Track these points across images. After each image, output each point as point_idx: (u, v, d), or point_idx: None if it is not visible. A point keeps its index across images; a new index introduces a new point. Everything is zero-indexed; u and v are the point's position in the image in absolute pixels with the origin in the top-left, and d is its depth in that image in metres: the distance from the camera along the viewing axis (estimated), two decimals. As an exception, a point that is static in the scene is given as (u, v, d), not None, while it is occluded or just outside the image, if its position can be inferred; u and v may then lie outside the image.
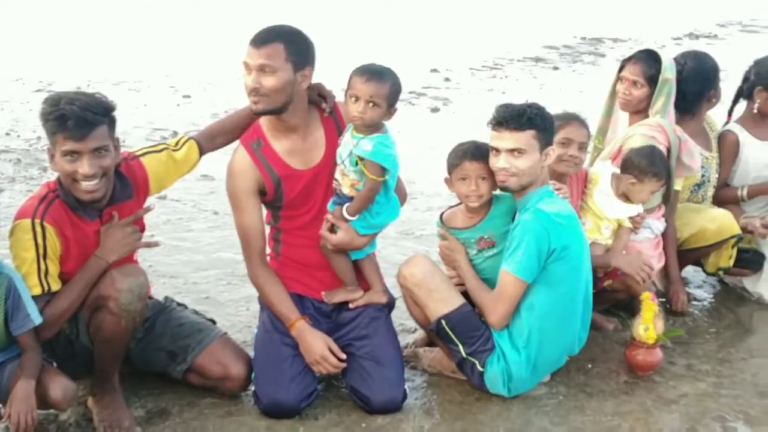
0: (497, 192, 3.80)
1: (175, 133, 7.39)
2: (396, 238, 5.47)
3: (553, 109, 4.20)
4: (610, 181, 4.22)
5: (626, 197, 4.25)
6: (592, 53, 11.69)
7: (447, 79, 10.03)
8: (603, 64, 10.80)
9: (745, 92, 4.92)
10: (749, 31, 13.68)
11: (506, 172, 3.62)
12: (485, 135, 3.74)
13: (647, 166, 4.20)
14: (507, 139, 3.61)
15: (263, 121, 3.68)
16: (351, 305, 3.80)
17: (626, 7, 15.43)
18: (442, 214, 3.99)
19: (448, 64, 10.58)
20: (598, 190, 4.22)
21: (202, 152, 3.77)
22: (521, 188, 3.66)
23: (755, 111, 4.85)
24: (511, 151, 3.60)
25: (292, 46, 3.52)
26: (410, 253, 4.87)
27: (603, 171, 4.27)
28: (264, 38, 3.50)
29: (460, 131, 6.33)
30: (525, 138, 3.60)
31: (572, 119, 4.15)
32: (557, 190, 3.82)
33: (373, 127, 3.59)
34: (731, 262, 4.70)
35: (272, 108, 3.55)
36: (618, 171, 4.26)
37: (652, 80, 4.38)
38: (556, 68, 10.86)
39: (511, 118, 3.61)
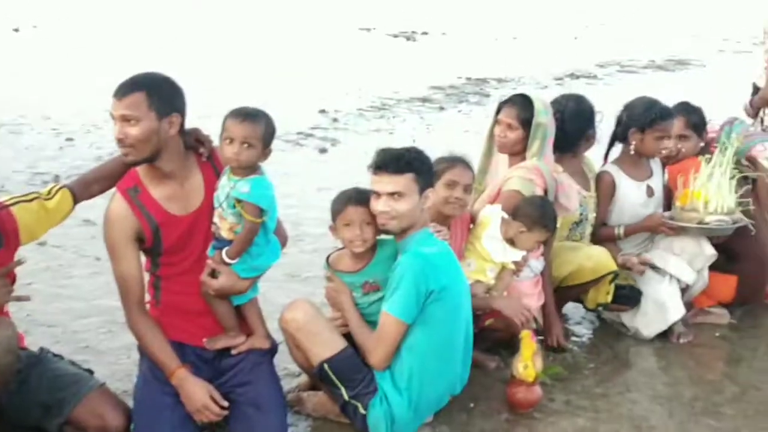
0: (382, 237, 3.84)
1: (57, 178, 7.23)
2: (282, 280, 5.44)
3: (439, 149, 4.29)
4: (499, 225, 4.31)
5: (512, 242, 4.34)
6: (477, 93, 11.91)
7: (335, 120, 10.09)
8: (488, 104, 11.00)
9: (619, 135, 5.09)
10: (627, 71, 14.15)
11: (387, 215, 3.68)
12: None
13: (539, 217, 4.31)
14: (387, 183, 3.67)
15: (140, 168, 3.64)
16: (233, 351, 3.77)
17: (510, 48, 15.81)
18: (328, 257, 4.01)
19: (336, 105, 10.64)
20: (487, 233, 4.31)
21: (76, 201, 3.70)
22: (402, 231, 3.72)
23: (632, 152, 5.02)
24: (391, 194, 3.66)
25: (155, 94, 3.50)
26: (296, 295, 4.84)
27: (493, 215, 4.36)
28: (125, 89, 3.48)
29: (347, 172, 6.40)
30: (404, 181, 3.66)
31: (457, 162, 4.24)
32: (437, 232, 3.88)
33: (249, 168, 3.62)
34: (609, 298, 4.83)
35: (141, 158, 3.52)
36: (506, 216, 4.35)
37: (527, 123, 4.51)
38: (442, 108, 11.03)
39: (390, 162, 3.68)
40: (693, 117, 5.22)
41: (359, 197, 3.81)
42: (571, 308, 5.19)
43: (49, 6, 17.88)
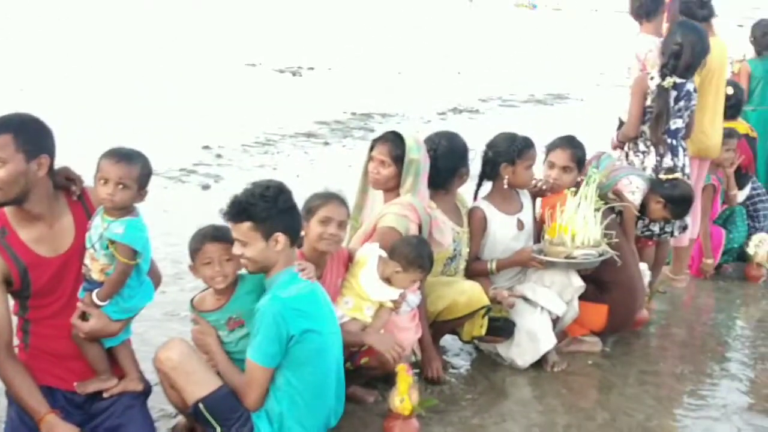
0: (243, 271, 3.86)
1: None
2: (161, 319, 5.38)
3: (322, 184, 4.33)
4: (377, 264, 4.37)
5: (389, 281, 4.39)
6: (361, 128, 12.03)
7: (219, 156, 10.04)
8: (372, 139, 11.14)
9: (488, 173, 5.23)
10: (508, 105, 14.51)
11: (242, 258, 3.75)
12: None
13: (414, 258, 4.36)
14: (233, 230, 3.75)
15: (7, 209, 3.58)
16: (105, 394, 3.73)
17: (395, 83, 16.02)
18: (192, 299, 4.01)
19: (220, 141, 10.60)
20: (363, 272, 4.35)
21: None
22: (261, 272, 3.76)
23: (506, 186, 5.17)
24: (238, 240, 3.72)
25: (22, 135, 3.46)
26: (175, 335, 4.79)
27: (370, 254, 4.40)
28: None
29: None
30: (243, 230, 3.72)
31: (331, 198, 4.28)
32: (302, 270, 3.91)
33: (123, 209, 3.60)
34: (483, 331, 4.93)
35: (8, 199, 3.47)
36: (384, 254, 4.40)
37: (399, 160, 4.60)
38: (327, 143, 11.10)
39: (229, 210, 3.74)
40: (578, 151, 5.42)
41: (216, 234, 3.84)
42: (449, 340, 5.28)
43: None
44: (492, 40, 23.47)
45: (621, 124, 6.31)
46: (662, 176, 5.76)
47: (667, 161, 5.90)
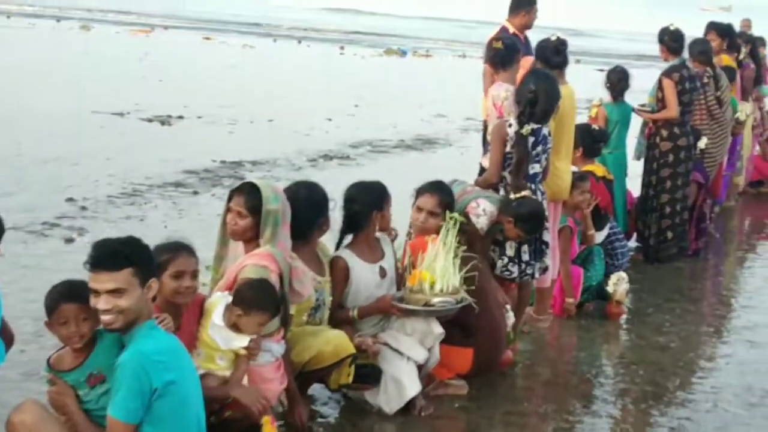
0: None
1: None
2: (18, 380, 5.17)
3: (191, 234, 4.28)
4: (223, 312, 4.33)
5: (237, 327, 4.36)
6: (231, 176, 11.94)
7: (83, 208, 9.80)
8: (230, 189, 11.08)
9: (357, 223, 5.28)
10: (378, 151, 14.66)
11: (110, 313, 3.62)
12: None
13: (253, 300, 4.32)
14: (106, 281, 3.61)
15: None
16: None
17: (266, 130, 16.02)
18: (49, 359, 3.90)
19: (85, 193, 10.34)
20: (211, 321, 4.31)
21: None
22: (127, 326, 3.67)
23: (377, 233, 5.25)
24: (112, 291, 3.60)
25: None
26: (35, 396, 4.63)
27: (217, 302, 4.37)
28: None
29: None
30: (123, 277, 3.62)
31: (180, 249, 4.25)
32: (161, 321, 3.86)
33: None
34: (350, 379, 4.95)
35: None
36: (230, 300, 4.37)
37: (256, 211, 4.60)
38: (196, 192, 10.98)
39: (107, 258, 3.62)
40: (445, 197, 5.53)
41: (72, 293, 3.75)
42: (317, 389, 5.27)
43: None
44: (363, 86, 23.71)
45: (482, 169, 6.48)
46: (511, 196, 5.90)
47: None
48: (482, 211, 5.73)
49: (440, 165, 12.09)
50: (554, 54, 6.68)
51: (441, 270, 5.03)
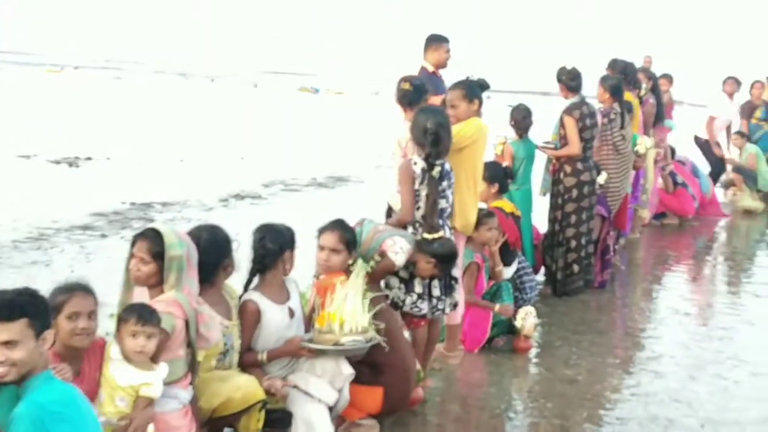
0: None
1: None
2: None
3: (98, 278, 4.21)
4: (120, 348, 4.27)
5: (130, 359, 4.27)
6: (141, 218, 11.82)
7: (-13, 254, 9.60)
8: (133, 235, 10.97)
9: (268, 264, 5.28)
10: (291, 190, 14.68)
11: (2, 365, 3.54)
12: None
13: (129, 314, 4.28)
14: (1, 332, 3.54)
15: None
16: None
17: (177, 171, 15.91)
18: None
19: (-12, 239, 10.15)
20: (110, 359, 4.24)
21: None
22: (21, 378, 3.60)
23: (288, 273, 5.28)
24: (5, 343, 3.54)
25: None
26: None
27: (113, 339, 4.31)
28: None
29: None
30: (18, 328, 3.54)
31: (76, 290, 4.17)
32: (58, 371, 3.78)
33: None
34: (260, 425, 4.91)
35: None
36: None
37: (159, 257, 4.56)
38: (104, 236, 10.83)
39: (1, 309, 3.54)
40: (346, 234, 5.56)
41: None
42: (229, 433, 5.23)
43: None
44: (276, 124, 23.73)
45: (389, 208, 6.52)
46: (427, 236, 5.95)
47: None
48: (400, 248, 5.76)
49: (352, 202, 12.16)
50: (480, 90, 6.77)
51: (350, 310, 5.05)
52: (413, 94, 6.67)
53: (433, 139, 5.96)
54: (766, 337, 7.96)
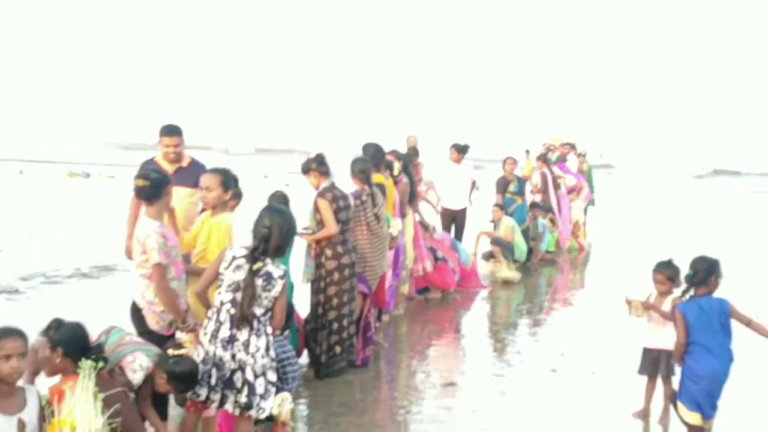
0: None
1: None
2: None
3: None
4: None
5: None
6: None
7: None
8: None
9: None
10: (52, 282, 14.08)
11: None
12: None
13: None
14: None
15: None
16: None
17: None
18: None
19: None
20: None
21: None
22: None
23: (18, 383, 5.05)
24: None
25: None
26: None
27: None
28: None
29: None
30: None
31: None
32: None
33: None
34: None
35: None
36: None
37: None
38: None
39: None
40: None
41: None
42: None
43: None
44: (41, 211, 22.84)
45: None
46: (170, 351, 5.85)
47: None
48: (138, 366, 5.68)
49: (118, 293, 11.79)
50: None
51: (82, 415, 4.89)
52: (150, 189, 6.49)
53: (265, 235, 5.90)
54: (516, 409, 8.27)
